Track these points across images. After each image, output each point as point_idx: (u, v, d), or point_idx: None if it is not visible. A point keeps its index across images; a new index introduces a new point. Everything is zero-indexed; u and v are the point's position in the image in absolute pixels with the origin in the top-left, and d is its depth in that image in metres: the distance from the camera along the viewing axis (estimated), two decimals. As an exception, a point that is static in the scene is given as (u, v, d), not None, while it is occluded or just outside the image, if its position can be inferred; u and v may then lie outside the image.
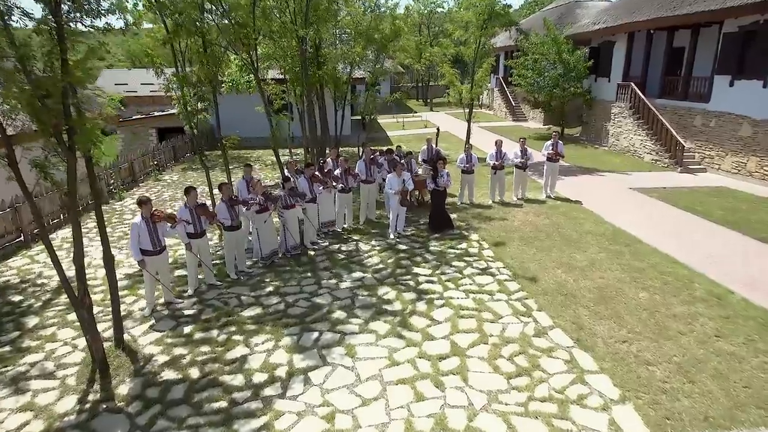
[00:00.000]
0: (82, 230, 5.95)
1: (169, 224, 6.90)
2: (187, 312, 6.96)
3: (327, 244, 9.45)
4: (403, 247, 9.17)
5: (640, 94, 17.30)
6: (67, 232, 10.59)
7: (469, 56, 16.77)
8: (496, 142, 11.93)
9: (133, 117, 24.08)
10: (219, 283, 7.82)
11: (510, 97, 29.93)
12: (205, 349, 6.01)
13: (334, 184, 9.51)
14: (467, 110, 17.54)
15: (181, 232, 7.23)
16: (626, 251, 8.66)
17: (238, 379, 5.38)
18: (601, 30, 19.19)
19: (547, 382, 5.16)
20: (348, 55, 13.67)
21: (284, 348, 5.96)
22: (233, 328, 6.45)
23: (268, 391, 5.17)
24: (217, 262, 8.53)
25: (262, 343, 6.08)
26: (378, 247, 9.15)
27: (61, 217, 11.25)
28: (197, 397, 5.12)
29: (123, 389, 5.29)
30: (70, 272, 5.66)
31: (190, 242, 7.31)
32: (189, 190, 7.30)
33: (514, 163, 11.88)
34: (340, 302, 7.08)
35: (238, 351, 5.93)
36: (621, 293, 7.09)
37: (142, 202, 6.69)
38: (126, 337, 6.32)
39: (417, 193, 12.04)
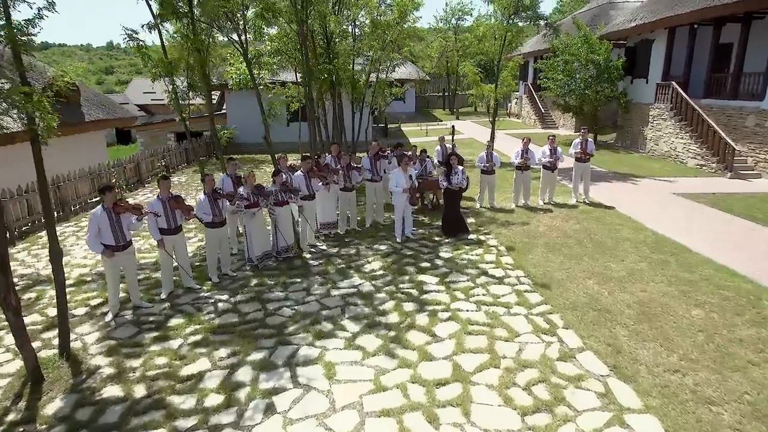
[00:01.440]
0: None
1: (134, 216, 6.06)
2: (152, 318, 6.07)
3: (325, 247, 8.47)
4: (410, 252, 8.08)
5: (683, 93, 15.78)
6: (60, 229, 9.96)
7: (493, 53, 15.68)
8: (522, 139, 10.75)
9: (153, 122, 24.02)
10: (197, 286, 6.92)
11: (539, 103, 28.56)
12: (160, 361, 5.07)
13: (335, 179, 8.54)
14: (491, 112, 16.39)
15: (152, 226, 6.39)
16: (672, 261, 7.32)
17: (188, 402, 4.40)
18: (638, 27, 17.78)
19: (574, 422, 3.96)
20: (359, 50, 12.82)
21: (251, 364, 4.95)
22: (199, 338, 5.51)
23: (219, 419, 4.16)
24: (202, 263, 7.66)
25: (227, 358, 5.09)
26: (381, 252, 8.10)
27: (59, 212, 10.69)
28: (134, 422, 4.16)
29: (51, 408, 4.39)
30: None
31: (162, 239, 6.45)
32: (162, 180, 6.48)
33: (542, 163, 10.66)
34: (328, 311, 6.05)
35: (198, 366, 4.96)
36: (668, 310, 5.80)
37: (105, 189, 5.87)
38: (77, 344, 5.47)
39: (432, 196, 10.97)
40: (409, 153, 9.93)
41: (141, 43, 8.38)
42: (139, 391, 4.59)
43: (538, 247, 8.02)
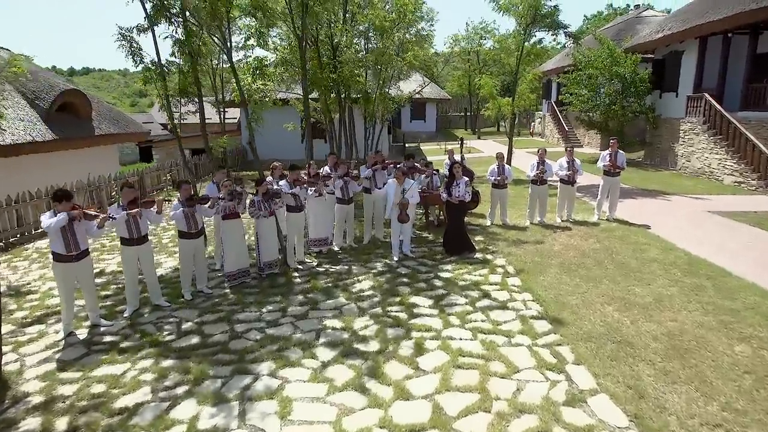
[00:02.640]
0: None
1: (95, 223, 5.49)
2: (108, 338, 5.42)
3: (316, 263, 7.74)
4: (406, 270, 7.28)
5: (717, 106, 14.63)
6: (43, 243, 9.60)
7: (510, 64, 14.97)
8: (538, 151, 9.90)
9: (168, 138, 24.16)
10: (166, 304, 6.27)
11: (563, 120, 27.55)
12: (97, 389, 4.39)
13: (326, 184, 7.84)
14: (509, 126, 15.60)
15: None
16: (708, 285, 6.28)
17: (110, 442, 3.67)
18: (667, 37, 16.80)
19: (580, 491, 3.04)
20: (366, 60, 12.32)
21: (198, 396, 4.20)
22: (149, 363, 4.81)
23: (137, 466, 3.41)
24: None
25: (173, 387, 4.37)
26: (375, 270, 7.32)
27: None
28: (39, 466, 3.45)
29: (-46, 444, 3.73)
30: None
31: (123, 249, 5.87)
32: (123, 187, 5.93)
33: (559, 177, 9.76)
34: (301, 335, 5.28)
35: (136, 396, 4.25)
36: (705, 344, 4.79)
37: (62, 198, 5.31)
38: (14, 366, 4.85)
39: (438, 211, 10.17)
40: (419, 165, 9.18)
41: (135, 44, 8.05)
42: (61, 425, 3.89)
43: (552, 268, 7.09)
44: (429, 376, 4.39)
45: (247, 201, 7.00)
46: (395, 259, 7.77)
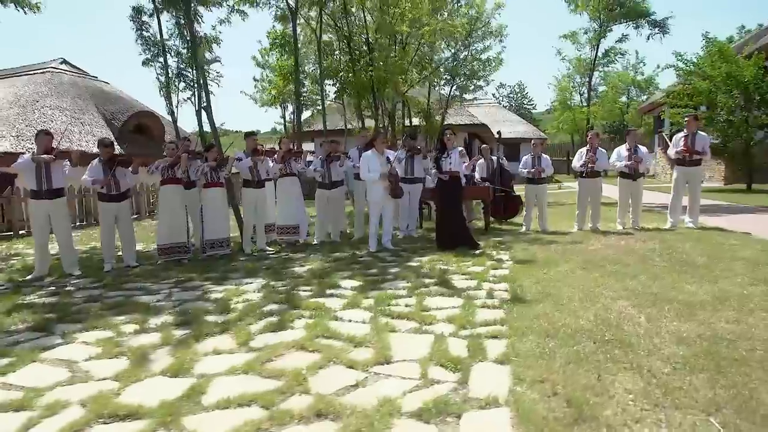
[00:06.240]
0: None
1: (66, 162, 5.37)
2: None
3: (274, 252, 6.43)
4: (369, 259, 5.63)
5: None
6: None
7: (583, 70, 12.80)
8: (587, 135, 7.71)
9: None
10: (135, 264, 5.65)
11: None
12: None
13: (297, 160, 6.59)
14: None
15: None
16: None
17: None
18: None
19: None
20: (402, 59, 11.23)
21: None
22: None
23: None
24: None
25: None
26: (331, 257, 5.77)
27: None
28: None
29: None
30: None
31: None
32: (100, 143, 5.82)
33: (617, 169, 7.40)
34: (163, 303, 3.96)
35: None
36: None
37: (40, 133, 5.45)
38: None
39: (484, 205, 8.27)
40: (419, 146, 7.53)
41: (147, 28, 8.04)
42: None
43: (569, 263, 4.87)
44: (242, 355, 2.75)
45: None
46: (371, 249, 6.15)
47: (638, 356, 2.52)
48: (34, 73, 14.79)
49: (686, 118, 7.35)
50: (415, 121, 16.73)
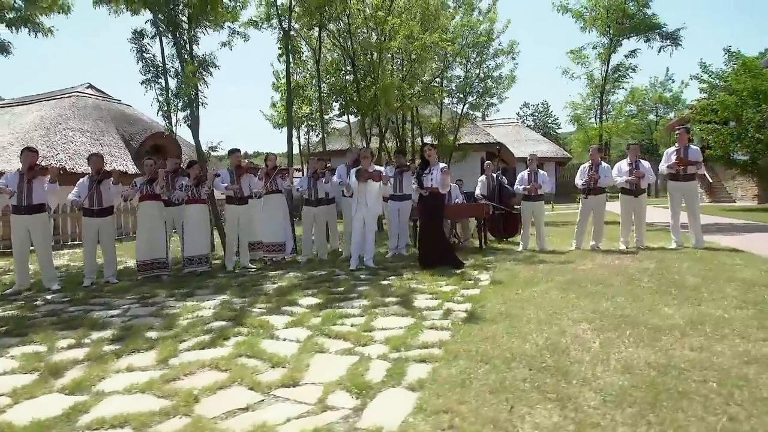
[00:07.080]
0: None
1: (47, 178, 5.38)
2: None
3: (255, 269, 6.34)
4: (345, 277, 5.44)
5: None
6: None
7: (594, 87, 12.44)
8: (589, 149, 7.37)
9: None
10: (115, 281, 5.66)
11: (705, 172, 22.31)
12: None
13: (259, 175, 6.50)
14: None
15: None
16: (831, 316, 3.21)
17: None
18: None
19: None
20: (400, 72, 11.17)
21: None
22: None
23: None
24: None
25: None
26: (306, 276, 5.61)
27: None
28: None
29: None
30: None
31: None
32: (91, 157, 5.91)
33: (618, 185, 7.02)
34: (107, 312, 3.89)
35: None
36: (742, 388, 2.09)
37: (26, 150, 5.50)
38: None
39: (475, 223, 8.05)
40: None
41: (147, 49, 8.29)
42: None
43: (549, 283, 4.56)
44: (151, 373, 2.60)
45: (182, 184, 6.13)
46: (352, 267, 5.97)
47: (570, 386, 2.22)
48: (61, 98, 15.52)
49: (677, 132, 6.93)
50: (428, 139, 16.60)
